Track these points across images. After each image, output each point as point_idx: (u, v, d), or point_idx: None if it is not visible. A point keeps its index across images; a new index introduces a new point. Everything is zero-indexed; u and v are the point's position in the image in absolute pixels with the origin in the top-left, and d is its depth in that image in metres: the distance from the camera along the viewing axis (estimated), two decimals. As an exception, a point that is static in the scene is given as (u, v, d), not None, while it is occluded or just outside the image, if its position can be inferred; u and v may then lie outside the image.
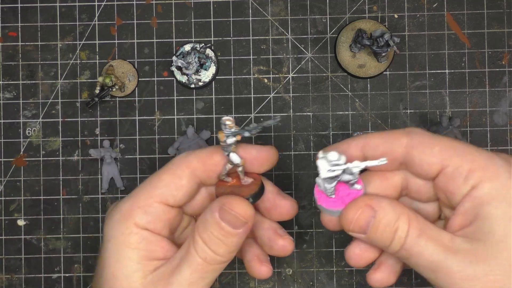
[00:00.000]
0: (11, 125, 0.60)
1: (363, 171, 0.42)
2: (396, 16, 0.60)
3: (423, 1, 0.60)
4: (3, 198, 0.60)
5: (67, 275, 0.59)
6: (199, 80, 0.59)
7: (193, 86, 0.59)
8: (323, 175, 0.40)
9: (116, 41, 0.60)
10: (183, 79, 0.59)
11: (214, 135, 0.59)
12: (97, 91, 0.58)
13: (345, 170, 0.41)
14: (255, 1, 0.60)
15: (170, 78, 0.60)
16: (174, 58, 0.58)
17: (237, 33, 0.60)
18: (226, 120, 0.41)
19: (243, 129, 0.42)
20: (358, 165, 0.40)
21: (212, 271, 0.41)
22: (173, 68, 0.59)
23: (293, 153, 0.59)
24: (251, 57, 0.60)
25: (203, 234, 0.40)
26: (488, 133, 0.59)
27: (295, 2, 0.60)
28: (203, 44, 0.59)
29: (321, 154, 0.40)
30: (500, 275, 0.36)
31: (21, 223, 0.60)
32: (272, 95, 0.60)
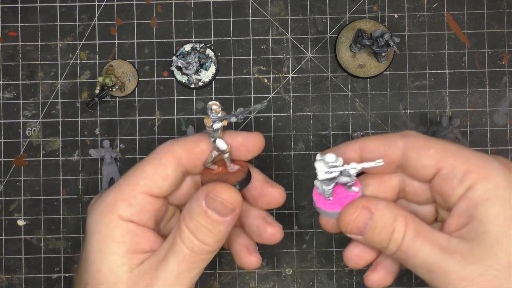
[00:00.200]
0: (11, 125, 0.60)
1: (361, 174, 0.43)
2: (396, 16, 0.59)
3: (423, 1, 0.59)
4: (3, 198, 0.60)
5: (67, 275, 0.60)
6: (199, 80, 0.59)
7: (193, 86, 0.59)
8: (320, 177, 0.41)
9: (116, 41, 0.60)
10: (183, 79, 0.59)
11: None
12: (97, 91, 0.58)
13: (342, 172, 0.41)
14: (255, 1, 0.60)
15: (170, 78, 0.60)
16: (174, 58, 0.58)
17: (237, 33, 0.60)
18: (213, 104, 0.40)
19: (230, 114, 0.41)
20: (355, 167, 0.40)
21: (200, 262, 0.40)
22: (173, 68, 0.59)
23: (293, 153, 0.59)
24: (251, 57, 0.60)
25: (189, 223, 0.39)
26: (488, 133, 0.59)
27: (295, 2, 0.60)
28: (203, 44, 0.59)
29: (318, 156, 0.40)
30: (496, 275, 0.36)
31: (21, 223, 0.60)
32: (272, 95, 0.60)
